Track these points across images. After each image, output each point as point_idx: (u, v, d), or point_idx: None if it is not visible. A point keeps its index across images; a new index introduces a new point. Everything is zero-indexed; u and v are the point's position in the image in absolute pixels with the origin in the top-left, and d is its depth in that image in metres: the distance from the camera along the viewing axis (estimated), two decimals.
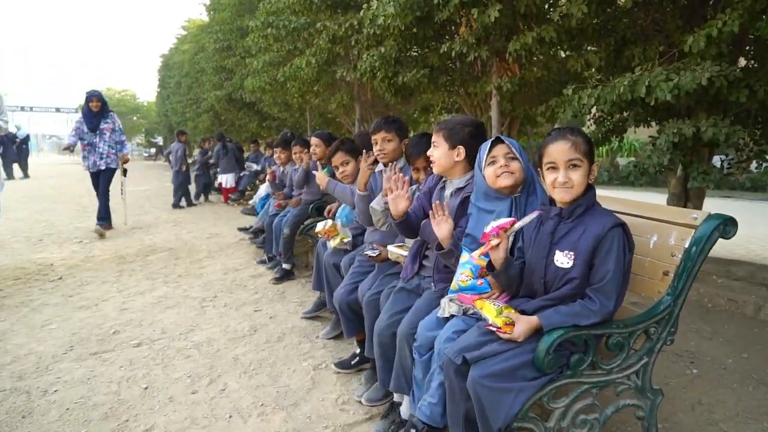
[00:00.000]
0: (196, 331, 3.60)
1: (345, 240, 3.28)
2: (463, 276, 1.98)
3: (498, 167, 1.98)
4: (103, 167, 7.08)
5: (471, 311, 1.97)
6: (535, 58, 4.26)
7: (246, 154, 12.43)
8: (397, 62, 5.10)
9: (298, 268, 5.15)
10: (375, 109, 7.89)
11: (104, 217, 7.29)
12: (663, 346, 1.84)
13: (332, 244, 3.32)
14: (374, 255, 2.72)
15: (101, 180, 7.16)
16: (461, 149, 2.23)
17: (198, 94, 15.80)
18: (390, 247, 2.61)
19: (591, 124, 5.00)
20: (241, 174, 10.80)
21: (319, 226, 3.45)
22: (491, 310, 1.77)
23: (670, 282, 1.76)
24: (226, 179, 10.76)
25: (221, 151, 10.79)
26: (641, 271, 1.90)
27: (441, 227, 2.07)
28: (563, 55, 4.24)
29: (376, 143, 2.95)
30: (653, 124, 4.22)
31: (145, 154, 52.31)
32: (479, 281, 1.95)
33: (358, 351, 2.95)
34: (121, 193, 7.94)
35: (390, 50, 4.79)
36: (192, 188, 11.24)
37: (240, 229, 6.50)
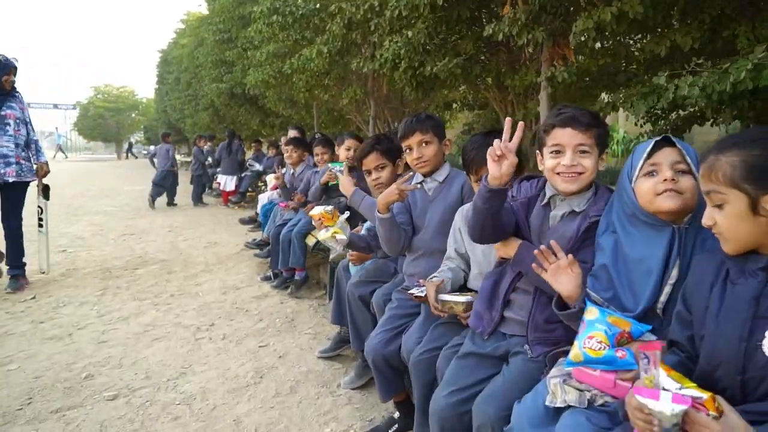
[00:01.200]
0: (188, 375, 2.91)
1: (338, 237, 2.55)
2: (592, 342, 1.28)
3: (660, 181, 1.29)
4: (9, 179, 4.38)
5: (600, 399, 1.29)
6: (606, 42, 3.58)
7: (247, 154, 11.75)
8: (424, 50, 4.40)
9: (308, 285, 4.47)
10: (389, 105, 7.21)
11: (18, 265, 4.59)
12: None
13: (321, 235, 2.60)
14: (422, 295, 2.03)
15: (6, 201, 4.50)
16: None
17: (197, 90, 15.09)
18: (444, 297, 1.89)
19: (644, 122, 4.32)
20: (242, 174, 10.10)
21: (317, 210, 2.71)
22: (675, 374, 1.08)
23: None
24: (225, 181, 10.07)
25: (225, 150, 10.07)
26: None
27: (564, 279, 1.40)
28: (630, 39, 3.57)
29: (411, 150, 2.26)
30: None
31: (144, 153, 51.77)
32: (620, 352, 1.26)
33: (396, 415, 2.27)
34: (40, 228, 4.95)
35: (418, 35, 4.10)
36: (180, 189, 10.63)
37: (249, 245, 5.80)
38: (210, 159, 11.31)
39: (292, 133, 5.80)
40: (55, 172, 6.38)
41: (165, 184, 10.25)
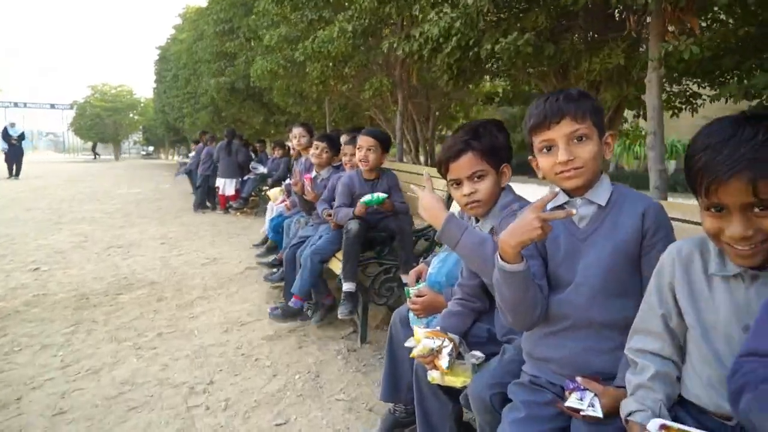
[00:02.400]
0: None
1: (467, 383, 1.55)
2: None
3: None
4: None
5: None
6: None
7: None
8: (479, 25, 3.49)
9: (330, 321, 3.55)
10: (415, 100, 6.29)
11: None
12: None
13: (443, 379, 1.57)
14: (595, 415, 1.09)
15: None
16: None
17: (196, 88, 14.20)
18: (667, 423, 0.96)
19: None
20: (245, 177, 9.17)
21: (419, 348, 1.59)
22: None
23: None
24: (224, 185, 9.13)
25: (223, 151, 9.11)
26: None
27: None
28: None
29: (551, 148, 1.34)
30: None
31: (143, 153, 50.83)
32: None
33: None
34: None
35: (481, 3, 3.17)
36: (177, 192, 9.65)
37: (261, 261, 4.85)
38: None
39: (298, 130, 4.84)
40: (54, 172, 5.51)
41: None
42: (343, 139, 3.96)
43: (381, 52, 4.82)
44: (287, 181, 5.27)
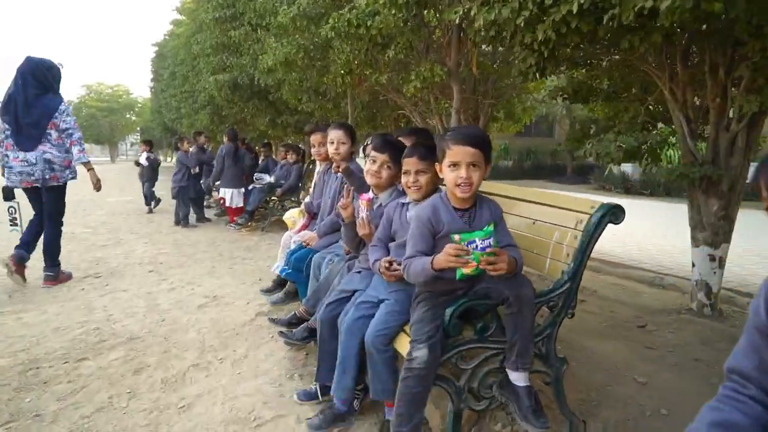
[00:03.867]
0: None
1: None
2: None
3: None
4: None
5: None
6: None
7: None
8: None
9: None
10: (464, 95, 5.05)
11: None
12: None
13: None
14: None
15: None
16: None
17: (194, 85, 12.97)
18: None
19: None
20: (249, 188, 7.94)
21: None
22: None
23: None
24: (231, 196, 7.90)
25: (230, 157, 7.84)
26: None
27: None
28: None
29: None
30: None
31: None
32: None
33: None
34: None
35: None
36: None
37: (274, 320, 3.54)
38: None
39: (337, 133, 3.57)
40: None
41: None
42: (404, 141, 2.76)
43: (435, 29, 3.62)
44: (306, 198, 4.06)
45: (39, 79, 4.36)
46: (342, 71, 4.99)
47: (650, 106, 3.85)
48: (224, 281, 4.94)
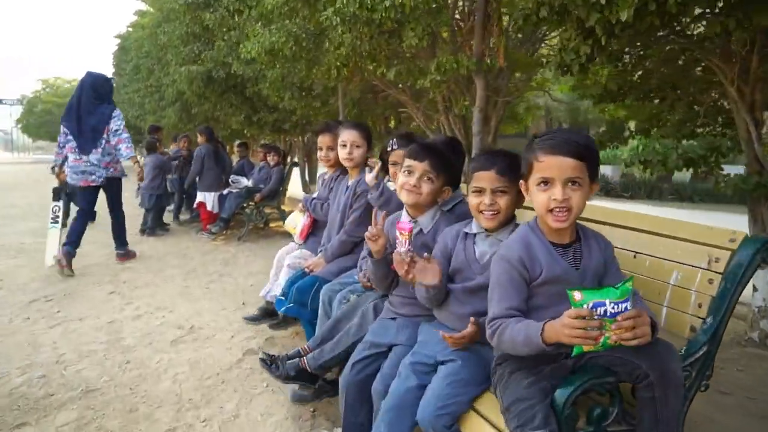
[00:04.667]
0: None
1: None
2: None
3: None
4: None
5: None
6: None
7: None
8: None
9: None
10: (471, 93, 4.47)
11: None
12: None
13: None
14: None
15: None
16: None
17: (160, 80, 12.03)
18: None
19: None
20: (225, 192, 7.17)
21: None
22: None
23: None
24: (212, 200, 7.12)
25: (210, 158, 7.07)
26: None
27: None
28: None
29: None
30: None
31: None
32: None
33: None
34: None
35: None
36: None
37: (267, 364, 2.77)
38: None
39: (350, 134, 2.84)
40: None
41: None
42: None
43: (456, 13, 3.03)
44: (312, 195, 3.36)
45: (98, 90, 5.09)
46: (338, 63, 4.33)
47: (710, 105, 3.35)
48: (201, 306, 4.21)
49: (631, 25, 2.48)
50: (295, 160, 9.48)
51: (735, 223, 3.65)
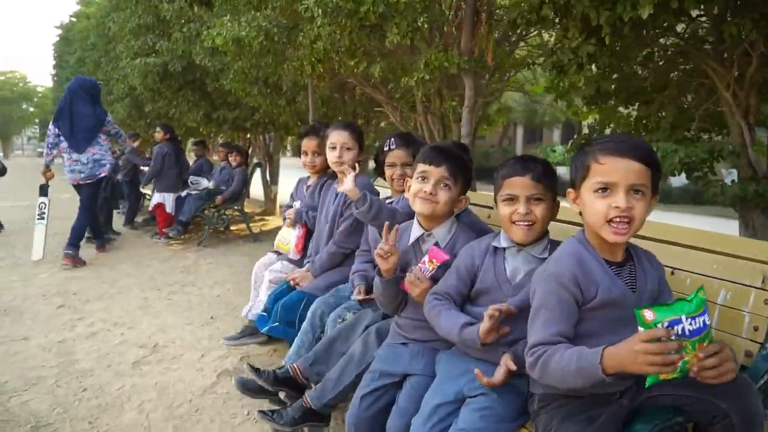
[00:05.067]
0: None
1: None
2: None
3: None
4: None
5: None
6: None
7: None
8: None
9: None
10: (454, 91, 4.33)
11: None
12: None
13: None
14: None
15: None
16: None
17: (108, 74, 11.33)
18: None
19: None
20: (183, 194, 6.74)
21: None
22: None
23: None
24: (171, 202, 6.67)
25: (170, 157, 6.62)
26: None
27: None
28: None
29: None
30: None
31: (39, 150, 44.67)
32: None
33: None
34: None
35: None
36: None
37: (247, 388, 2.44)
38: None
39: (340, 135, 2.52)
40: None
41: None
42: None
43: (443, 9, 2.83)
44: (297, 203, 3.07)
45: (92, 93, 5.34)
46: (313, 58, 4.07)
47: (704, 109, 3.30)
48: (164, 320, 3.85)
49: (642, 23, 2.36)
50: (258, 160, 9.08)
51: (720, 227, 3.63)
